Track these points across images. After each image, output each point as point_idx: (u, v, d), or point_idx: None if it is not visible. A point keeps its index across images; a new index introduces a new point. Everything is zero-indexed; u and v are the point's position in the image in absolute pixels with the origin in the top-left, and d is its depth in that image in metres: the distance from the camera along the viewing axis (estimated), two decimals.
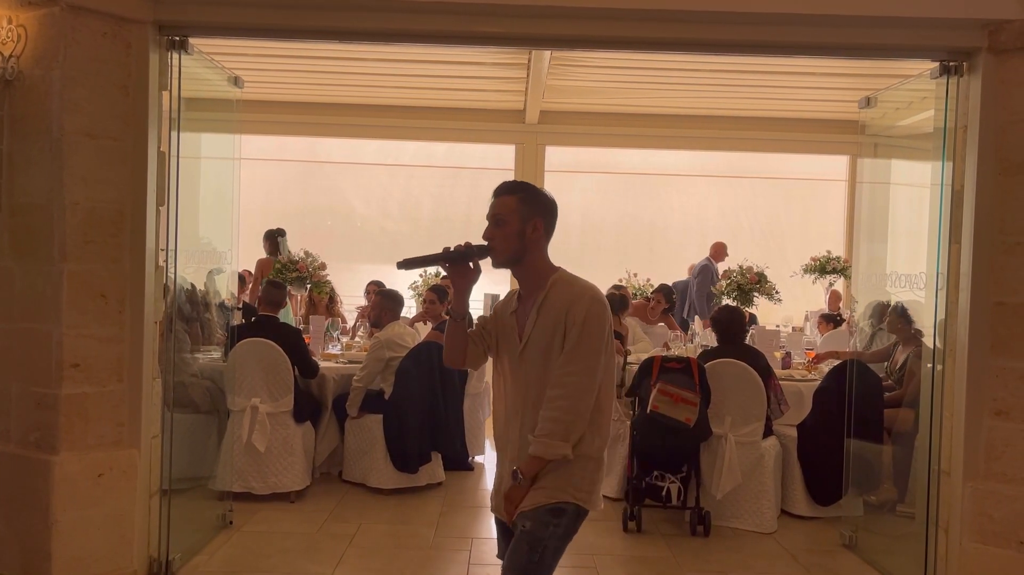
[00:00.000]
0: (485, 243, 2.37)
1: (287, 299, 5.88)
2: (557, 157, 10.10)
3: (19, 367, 3.62)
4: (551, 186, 9.92)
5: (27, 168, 3.60)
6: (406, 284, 8.11)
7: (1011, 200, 3.68)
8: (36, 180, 3.58)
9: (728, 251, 9.32)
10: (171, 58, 3.87)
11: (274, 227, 7.91)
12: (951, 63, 3.86)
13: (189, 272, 4.52)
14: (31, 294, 3.59)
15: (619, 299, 6.54)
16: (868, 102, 4.63)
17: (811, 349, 6.49)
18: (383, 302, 5.87)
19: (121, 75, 3.69)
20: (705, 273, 9.00)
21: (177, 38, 3.86)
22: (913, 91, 4.28)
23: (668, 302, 7.67)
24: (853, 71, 6.77)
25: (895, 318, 5.30)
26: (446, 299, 6.26)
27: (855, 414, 4.70)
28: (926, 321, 4.23)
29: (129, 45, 3.70)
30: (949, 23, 3.76)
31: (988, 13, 3.69)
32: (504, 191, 2.42)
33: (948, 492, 3.88)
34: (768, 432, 5.10)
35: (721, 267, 8.95)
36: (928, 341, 4.11)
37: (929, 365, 4.07)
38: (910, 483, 4.62)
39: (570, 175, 10.51)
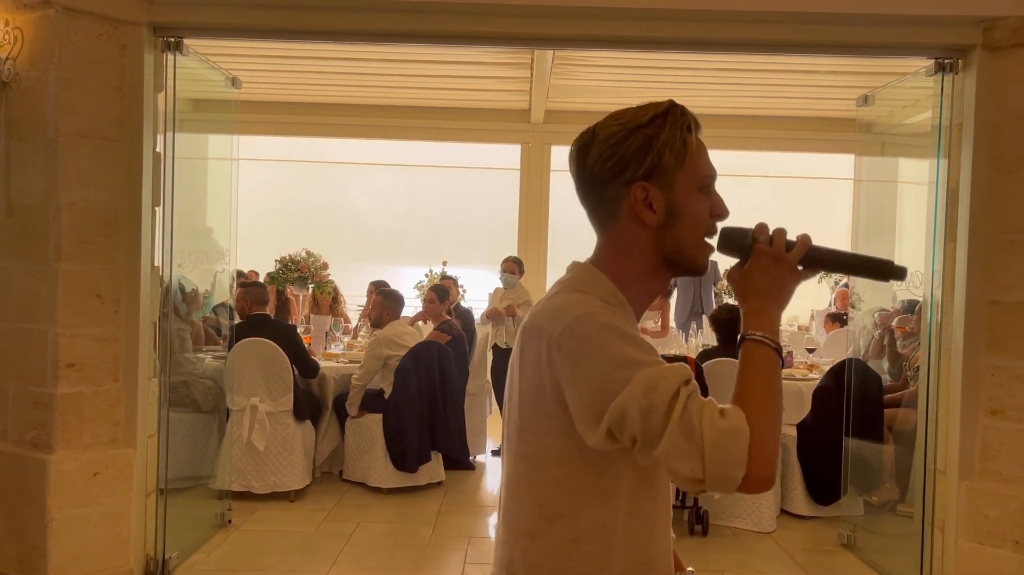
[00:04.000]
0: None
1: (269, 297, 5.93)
2: (563, 157, 10.08)
3: (15, 367, 3.65)
4: (557, 186, 9.98)
5: (23, 169, 3.63)
6: (411, 284, 8.13)
7: (1006, 198, 3.65)
8: (32, 181, 3.61)
9: None
10: (166, 59, 3.89)
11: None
12: (946, 60, 3.83)
13: (187, 272, 4.56)
14: (27, 294, 3.62)
15: None
16: (866, 100, 4.61)
17: (813, 348, 6.45)
18: (384, 302, 5.89)
19: (116, 76, 3.71)
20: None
21: (172, 39, 3.88)
22: (910, 89, 4.26)
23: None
24: (857, 68, 6.73)
25: (902, 315, 5.29)
26: (446, 299, 6.28)
27: (855, 413, 4.67)
28: (925, 319, 4.21)
29: (124, 46, 3.73)
30: (944, 20, 3.74)
31: (982, 10, 3.66)
32: None
33: (944, 491, 3.86)
34: None
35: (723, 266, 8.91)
36: (925, 339, 4.09)
37: (926, 363, 4.05)
38: (910, 483, 4.60)
39: None
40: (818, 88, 7.80)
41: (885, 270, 1.30)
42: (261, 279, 7.25)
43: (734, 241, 1.30)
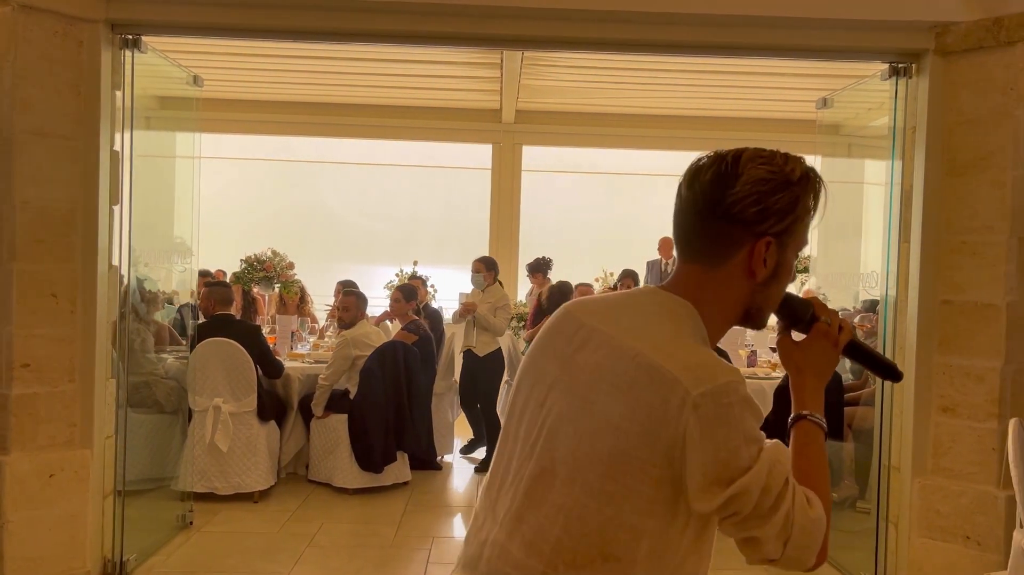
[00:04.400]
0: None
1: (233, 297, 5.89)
2: (534, 157, 10.12)
3: None
4: (528, 185, 10.00)
5: None
6: (381, 284, 8.12)
7: (957, 200, 3.72)
8: None
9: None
10: (124, 57, 3.86)
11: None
12: (900, 65, 3.90)
13: (149, 272, 4.53)
14: None
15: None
16: (825, 103, 4.68)
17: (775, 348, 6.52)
18: (357, 303, 5.87)
19: (73, 74, 3.68)
20: (652, 269, 9.02)
21: (130, 37, 3.85)
22: (867, 92, 4.32)
23: (635, 285, 7.74)
24: (818, 71, 6.83)
25: (862, 314, 5.37)
26: (413, 298, 6.28)
27: None
28: (881, 319, 4.28)
29: (81, 44, 3.70)
30: (898, 25, 3.80)
31: (935, 16, 3.73)
32: None
33: (898, 487, 3.93)
34: None
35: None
36: (881, 339, 4.16)
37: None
38: (869, 480, 4.67)
39: (547, 175, 10.54)
40: (784, 91, 7.89)
41: (891, 371, 1.40)
42: (228, 279, 7.21)
43: (794, 311, 1.33)
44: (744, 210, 1.20)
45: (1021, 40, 3.55)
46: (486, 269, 6.54)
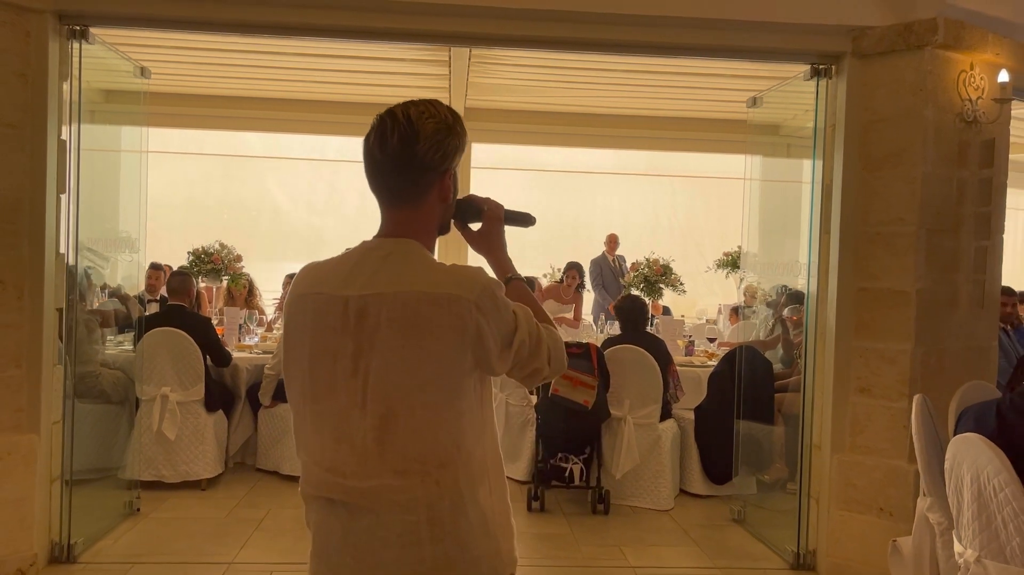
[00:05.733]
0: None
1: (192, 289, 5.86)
2: (483, 154, 10.27)
3: None
4: (477, 182, 10.14)
5: None
6: None
7: (872, 193, 3.98)
8: None
9: (628, 243, 9.48)
10: (72, 47, 3.91)
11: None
12: (821, 66, 4.15)
13: (94, 261, 4.56)
14: None
15: None
16: (755, 102, 4.92)
17: (714, 338, 6.78)
18: None
19: (20, 64, 3.72)
20: (593, 266, 9.21)
21: (78, 27, 3.90)
22: (792, 92, 4.57)
23: (580, 278, 7.97)
24: (752, 73, 7.09)
25: (791, 305, 5.62)
26: None
27: (746, 397, 4.98)
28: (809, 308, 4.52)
29: (28, 34, 3.74)
30: (818, 29, 4.04)
31: (852, 20, 3.98)
32: None
33: (819, 465, 4.17)
34: (667, 415, 5.36)
35: (629, 259, 9.18)
36: (805, 326, 4.40)
37: (807, 348, 4.36)
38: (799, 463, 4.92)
39: (496, 172, 10.70)
40: (724, 91, 8.16)
41: (526, 218, 1.83)
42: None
43: (467, 211, 1.75)
44: (431, 158, 1.53)
45: (929, 44, 3.82)
46: None
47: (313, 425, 1.54)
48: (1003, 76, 3.92)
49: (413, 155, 1.51)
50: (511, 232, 1.79)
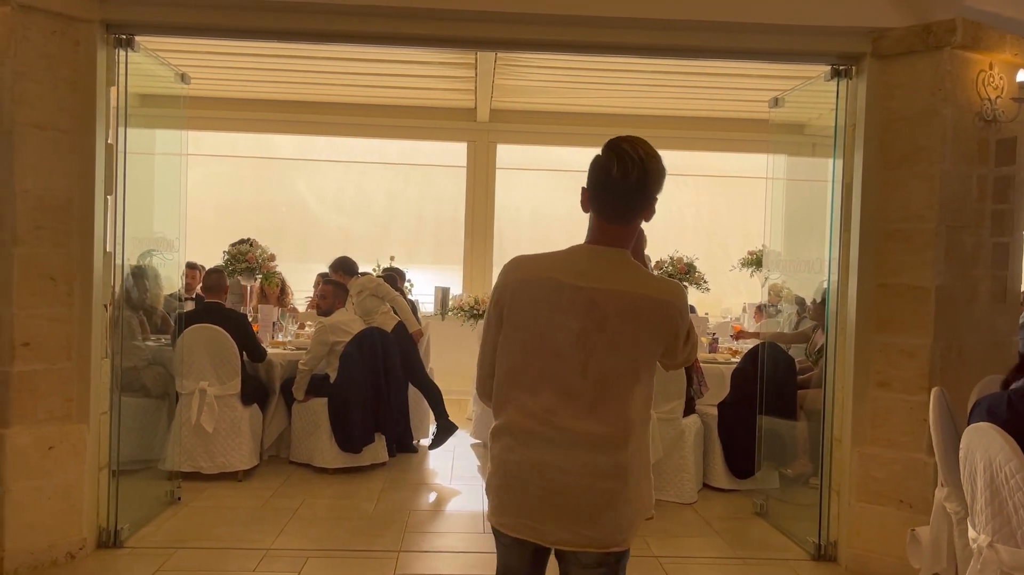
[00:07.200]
0: None
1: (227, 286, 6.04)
2: (508, 155, 10.40)
3: None
4: (502, 183, 10.26)
5: None
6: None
7: (891, 191, 4.06)
8: None
9: (652, 242, 9.54)
10: (118, 55, 4.10)
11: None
12: (841, 67, 4.23)
13: (139, 260, 4.74)
14: None
15: None
16: (777, 102, 5.00)
17: (735, 334, 6.86)
18: (335, 291, 6.11)
19: (69, 71, 3.91)
20: None
21: (124, 36, 4.09)
22: (814, 92, 4.65)
23: None
24: (774, 73, 7.16)
25: (815, 304, 5.69)
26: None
27: (769, 393, 5.06)
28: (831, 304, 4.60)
29: (77, 43, 3.93)
30: (839, 31, 4.13)
31: (872, 22, 4.07)
32: None
33: (840, 458, 4.26)
34: (690, 411, 5.46)
35: (654, 258, 9.26)
36: (826, 322, 4.48)
37: (829, 343, 4.44)
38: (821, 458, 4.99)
39: (521, 172, 10.82)
40: (750, 91, 8.23)
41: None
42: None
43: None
44: (655, 191, 2.01)
45: (948, 45, 3.89)
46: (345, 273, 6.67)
47: (536, 377, 1.97)
48: (1022, 76, 3.98)
49: (645, 188, 1.96)
50: (540, 232, 1.99)
